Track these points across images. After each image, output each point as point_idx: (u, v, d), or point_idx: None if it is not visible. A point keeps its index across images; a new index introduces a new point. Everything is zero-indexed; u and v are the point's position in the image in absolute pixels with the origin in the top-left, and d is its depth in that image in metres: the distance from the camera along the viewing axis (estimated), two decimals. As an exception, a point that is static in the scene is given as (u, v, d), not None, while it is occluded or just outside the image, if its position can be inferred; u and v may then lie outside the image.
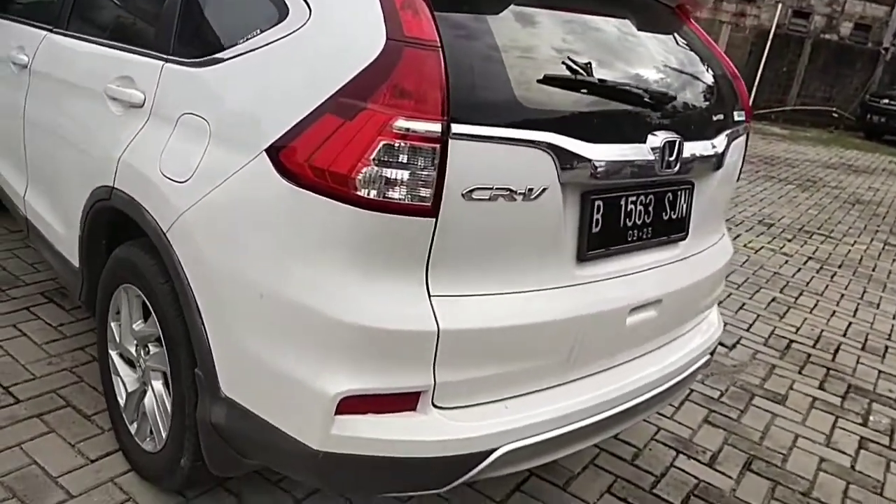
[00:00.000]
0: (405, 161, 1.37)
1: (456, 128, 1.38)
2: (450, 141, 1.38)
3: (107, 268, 2.07)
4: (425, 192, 1.38)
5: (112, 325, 2.13)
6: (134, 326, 2.01)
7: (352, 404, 1.44)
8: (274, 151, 1.47)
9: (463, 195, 1.41)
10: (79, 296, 2.31)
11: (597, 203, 1.66)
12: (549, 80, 1.55)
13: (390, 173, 1.37)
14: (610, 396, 1.74)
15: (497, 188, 1.44)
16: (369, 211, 1.38)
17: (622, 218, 1.74)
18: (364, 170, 1.36)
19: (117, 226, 2.04)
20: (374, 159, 1.36)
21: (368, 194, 1.37)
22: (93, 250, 2.18)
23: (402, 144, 1.36)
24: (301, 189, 1.43)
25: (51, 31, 2.49)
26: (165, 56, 1.87)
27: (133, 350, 2.05)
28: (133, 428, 2.06)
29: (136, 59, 1.98)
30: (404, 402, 1.48)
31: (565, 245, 1.62)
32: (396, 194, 1.38)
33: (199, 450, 1.74)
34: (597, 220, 1.67)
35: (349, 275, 1.41)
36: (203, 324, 1.63)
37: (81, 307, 2.48)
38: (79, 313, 2.87)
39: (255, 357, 1.54)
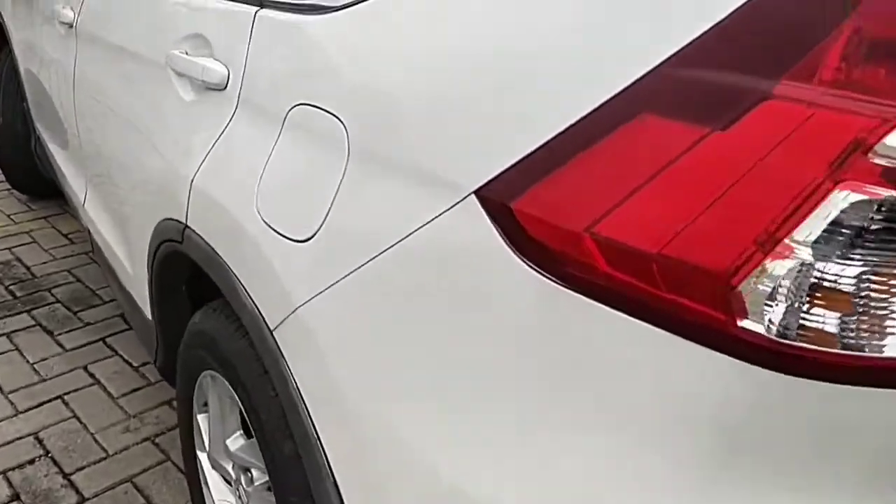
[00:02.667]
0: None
1: None
2: None
3: (185, 340, 1.34)
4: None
5: (199, 417, 1.41)
6: (228, 442, 1.27)
7: None
8: (498, 197, 0.64)
9: None
10: (154, 360, 1.61)
11: None
12: None
13: (849, 286, 0.50)
14: None
15: None
16: (780, 373, 0.53)
17: None
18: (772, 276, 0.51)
19: (202, 274, 1.28)
20: (804, 241, 0.50)
21: (782, 332, 0.52)
22: (168, 304, 1.45)
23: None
24: (571, 291, 0.59)
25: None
26: (260, -4, 1.06)
27: (230, 469, 1.32)
28: (234, 578, 1.35)
29: (211, 5, 1.18)
30: None
31: None
32: (866, 344, 0.51)
33: None
34: None
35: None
36: (336, 485, 0.86)
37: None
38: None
39: None
